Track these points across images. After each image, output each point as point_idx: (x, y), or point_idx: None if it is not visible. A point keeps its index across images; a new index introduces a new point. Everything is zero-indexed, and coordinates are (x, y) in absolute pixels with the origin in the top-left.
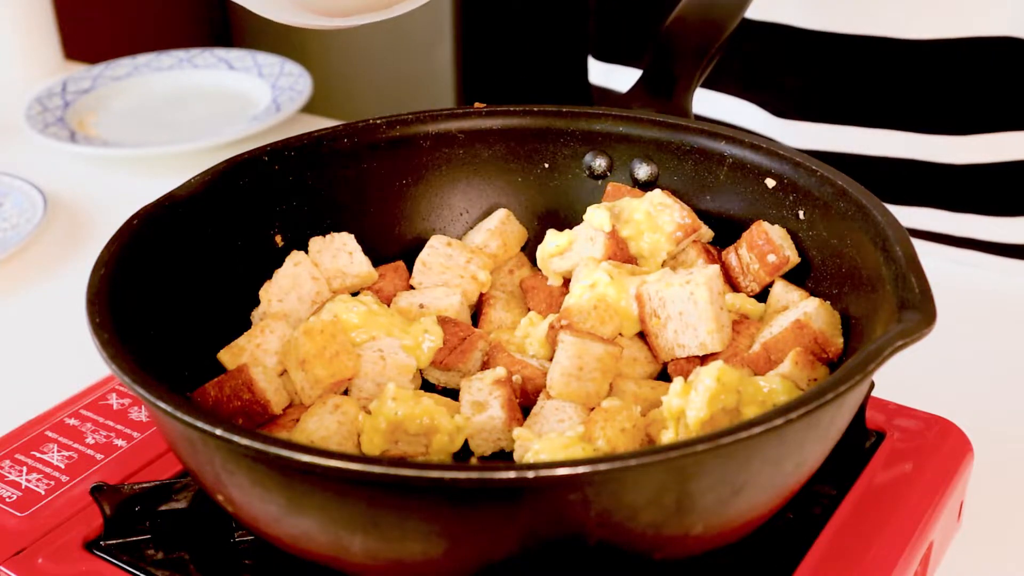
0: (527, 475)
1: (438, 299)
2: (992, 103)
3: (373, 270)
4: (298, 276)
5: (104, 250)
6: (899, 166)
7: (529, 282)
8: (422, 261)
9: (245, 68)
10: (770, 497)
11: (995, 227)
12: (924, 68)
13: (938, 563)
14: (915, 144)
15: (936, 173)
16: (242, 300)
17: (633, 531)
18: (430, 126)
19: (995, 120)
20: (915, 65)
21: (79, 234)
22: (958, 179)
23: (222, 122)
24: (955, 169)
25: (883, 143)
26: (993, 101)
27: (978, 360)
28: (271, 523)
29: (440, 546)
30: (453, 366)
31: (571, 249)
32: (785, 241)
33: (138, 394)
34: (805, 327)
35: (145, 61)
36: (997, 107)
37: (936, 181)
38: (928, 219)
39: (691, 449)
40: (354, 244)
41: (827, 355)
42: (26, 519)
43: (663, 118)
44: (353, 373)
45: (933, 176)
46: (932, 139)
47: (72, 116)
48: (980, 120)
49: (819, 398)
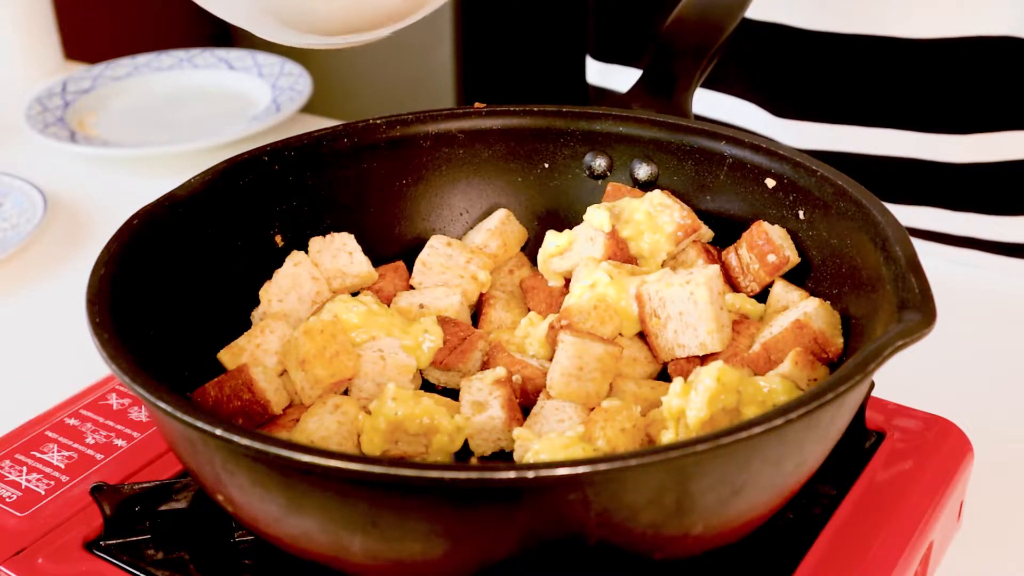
0: (527, 475)
1: (438, 299)
2: (992, 103)
3: (373, 270)
4: (298, 276)
5: (104, 250)
6: (900, 165)
7: (529, 282)
8: (422, 261)
9: (245, 68)
10: (770, 497)
11: (996, 226)
12: (924, 67)
13: (938, 563)
14: (916, 143)
15: (937, 172)
16: (242, 300)
17: (633, 531)
18: (430, 126)
19: (995, 119)
20: (915, 64)
21: (79, 234)
22: (959, 178)
23: (222, 122)
24: (956, 168)
25: (884, 142)
26: (993, 101)
27: (978, 360)
28: (271, 523)
29: (440, 546)
30: (453, 366)
31: (571, 249)
32: (785, 241)
33: (138, 394)
34: (805, 327)
35: (145, 61)
36: (997, 107)
37: (937, 180)
38: (929, 218)
39: (691, 449)
40: (354, 244)
41: (827, 355)
42: (26, 519)
43: (663, 118)
44: (353, 373)
45: (934, 175)
46: (933, 138)
47: (72, 116)
48: (980, 119)
49: (819, 398)
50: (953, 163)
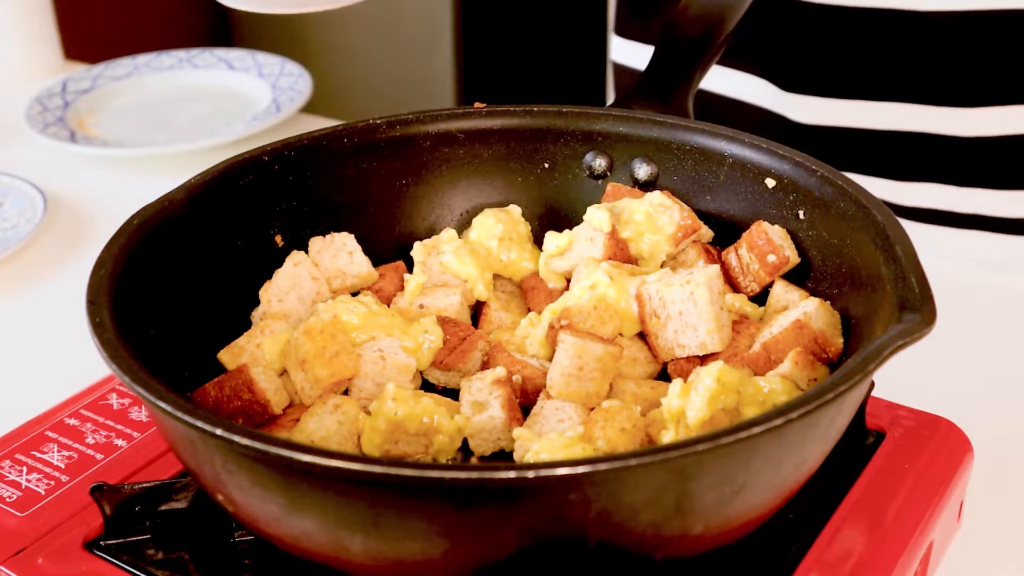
0: (527, 475)
1: (438, 299)
2: (1001, 76)
3: (373, 270)
4: (298, 276)
5: (104, 250)
6: (907, 140)
7: (529, 282)
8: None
9: (245, 68)
10: (770, 497)
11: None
12: (932, 41)
13: (938, 563)
14: (923, 116)
15: (944, 146)
16: (242, 300)
17: (633, 531)
18: (430, 126)
19: (1003, 93)
20: (923, 38)
21: (79, 234)
22: (966, 152)
23: (222, 122)
24: (963, 142)
25: (891, 116)
26: (1002, 74)
27: (978, 360)
28: (271, 523)
29: (440, 546)
30: (453, 366)
31: (571, 249)
32: (785, 241)
33: (139, 394)
34: (805, 327)
35: (145, 61)
36: (1005, 80)
37: (944, 154)
38: (935, 194)
39: (691, 449)
40: (354, 244)
41: (827, 355)
42: (26, 519)
43: (663, 118)
44: (353, 373)
45: (941, 149)
46: (940, 111)
47: (72, 116)
48: (988, 93)
49: (819, 398)
50: (960, 136)
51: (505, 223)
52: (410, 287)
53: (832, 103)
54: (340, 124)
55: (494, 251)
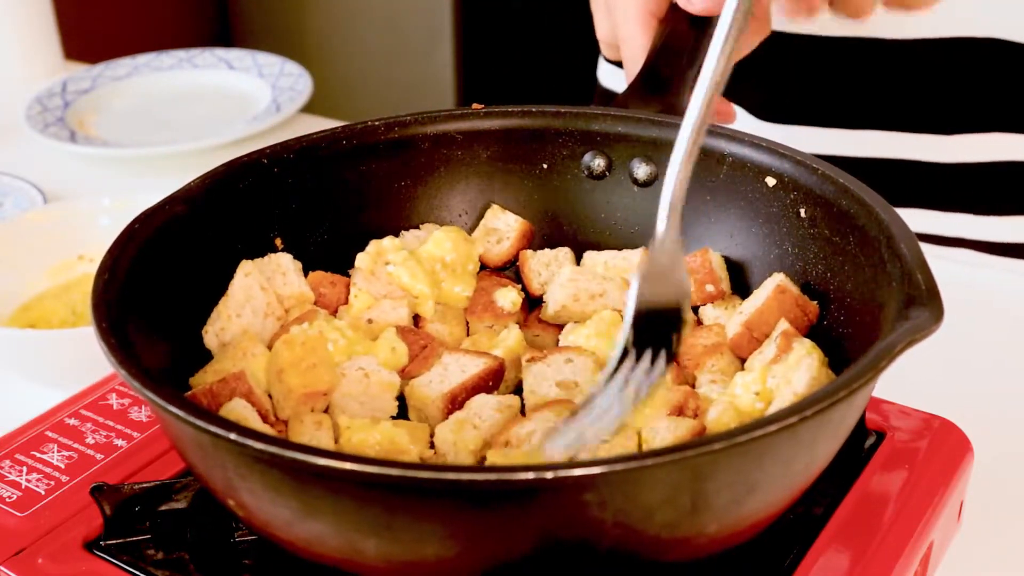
0: (545, 476)
1: (385, 312)
2: (979, 104)
3: (308, 291)
4: (249, 288)
5: (107, 255)
6: (887, 167)
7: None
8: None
9: (245, 68)
10: (782, 495)
11: (984, 227)
12: (911, 69)
13: (938, 563)
14: (903, 144)
15: (924, 173)
16: None
17: (648, 531)
18: (429, 127)
19: (982, 120)
20: (902, 66)
21: None
22: (946, 179)
23: (222, 122)
24: (943, 168)
25: (870, 144)
26: (980, 102)
27: (978, 360)
28: (283, 527)
29: (455, 547)
30: (415, 374)
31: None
32: (723, 273)
33: (149, 399)
34: (786, 291)
35: (145, 61)
36: (984, 107)
37: (924, 181)
38: (917, 219)
39: (707, 448)
40: (289, 265)
41: (808, 318)
42: (26, 519)
43: (661, 117)
44: (328, 387)
45: (922, 176)
46: (920, 139)
47: (72, 116)
48: (967, 120)
49: (833, 395)
50: (941, 163)
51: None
52: (359, 302)
53: (809, 131)
54: (339, 126)
55: (438, 273)
